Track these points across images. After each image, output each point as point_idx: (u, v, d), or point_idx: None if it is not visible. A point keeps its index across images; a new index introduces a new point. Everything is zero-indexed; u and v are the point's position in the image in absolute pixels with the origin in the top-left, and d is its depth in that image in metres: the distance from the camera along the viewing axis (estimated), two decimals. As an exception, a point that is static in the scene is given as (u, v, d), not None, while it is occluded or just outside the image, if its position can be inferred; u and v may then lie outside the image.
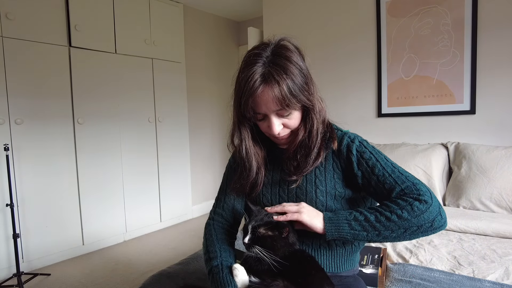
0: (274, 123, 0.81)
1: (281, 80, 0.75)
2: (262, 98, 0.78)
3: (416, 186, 0.77)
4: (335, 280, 0.85)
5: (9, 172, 2.10)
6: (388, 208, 0.75)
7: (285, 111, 0.79)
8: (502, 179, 1.73)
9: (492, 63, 2.04)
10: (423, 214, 0.72)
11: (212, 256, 0.86)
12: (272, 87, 0.76)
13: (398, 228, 0.73)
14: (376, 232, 0.74)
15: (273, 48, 0.80)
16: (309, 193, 0.85)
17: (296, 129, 0.85)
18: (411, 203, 0.73)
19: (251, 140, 0.90)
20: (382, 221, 0.74)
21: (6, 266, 2.27)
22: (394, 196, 0.77)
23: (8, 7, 2.21)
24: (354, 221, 0.75)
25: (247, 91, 0.78)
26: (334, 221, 0.76)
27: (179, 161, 3.44)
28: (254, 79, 0.77)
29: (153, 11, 3.12)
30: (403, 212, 0.73)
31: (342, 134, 0.88)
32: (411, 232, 0.73)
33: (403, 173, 0.80)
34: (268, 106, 0.78)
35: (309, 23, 2.76)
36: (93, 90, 2.68)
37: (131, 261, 2.54)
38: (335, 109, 2.56)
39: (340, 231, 0.76)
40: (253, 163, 0.90)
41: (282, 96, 0.76)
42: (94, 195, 2.72)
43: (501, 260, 1.22)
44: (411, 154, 2.08)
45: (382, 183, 0.79)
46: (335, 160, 0.86)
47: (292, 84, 0.76)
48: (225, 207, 0.98)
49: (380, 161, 0.81)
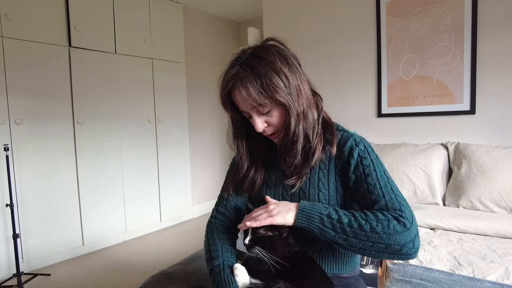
0: (256, 121, 0.83)
1: (248, 80, 0.77)
2: (236, 98, 0.81)
3: (402, 207, 0.74)
4: (335, 281, 0.85)
5: (9, 172, 2.10)
6: (365, 216, 0.73)
7: (261, 109, 0.81)
8: (502, 179, 1.73)
9: (492, 63, 2.04)
10: (396, 234, 0.70)
11: (213, 256, 0.86)
12: (240, 87, 0.79)
13: (367, 239, 0.71)
14: (344, 236, 0.72)
15: (253, 49, 0.82)
16: (311, 196, 0.85)
17: (279, 127, 0.85)
18: (389, 219, 0.71)
19: (243, 137, 0.92)
20: (354, 226, 0.72)
21: (6, 266, 2.27)
22: (376, 208, 0.76)
23: (8, 7, 2.21)
24: (327, 217, 0.74)
25: (221, 91, 0.83)
26: (307, 211, 0.76)
27: (179, 161, 3.44)
28: (227, 80, 0.81)
29: (153, 11, 3.12)
30: (377, 225, 0.71)
31: (348, 136, 0.87)
32: (377, 248, 0.71)
33: (395, 191, 0.78)
34: (243, 105, 0.81)
35: (309, 23, 2.76)
36: (93, 90, 2.68)
37: (131, 261, 2.54)
38: (335, 109, 2.56)
39: (310, 222, 0.75)
40: (244, 159, 0.92)
41: (249, 95, 0.78)
42: (94, 195, 2.72)
43: (501, 260, 1.22)
44: (411, 154, 2.08)
45: (370, 193, 0.78)
46: (336, 162, 0.86)
47: (261, 83, 0.77)
48: (228, 206, 0.97)
49: (377, 171, 0.80)
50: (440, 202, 1.93)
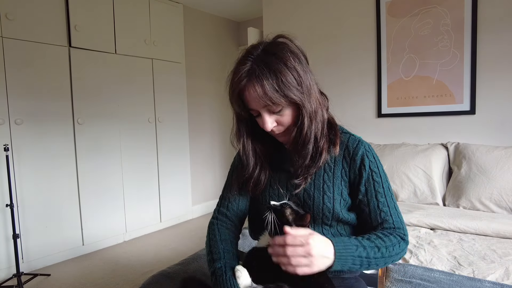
0: (266, 120, 0.81)
1: (264, 78, 0.75)
2: (248, 95, 0.78)
3: (403, 225, 0.83)
4: (336, 282, 0.85)
5: (9, 173, 2.10)
6: (384, 243, 0.78)
7: (274, 107, 0.78)
8: (502, 179, 1.73)
9: (492, 63, 2.04)
10: (402, 252, 0.81)
11: (215, 258, 0.85)
12: (255, 84, 0.76)
13: (384, 262, 0.78)
14: (367, 266, 0.76)
15: (265, 46, 0.80)
16: (316, 199, 0.85)
17: (289, 127, 0.84)
18: (399, 241, 0.80)
19: (249, 135, 0.89)
20: (377, 257, 0.76)
21: (6, 266, 2.27)
22: (386, 227, 0.82)
23: (8, 7, 2.21)
24: (358, 257, 0.74)
25: (234, 88, 0.79)
26: (343, 257, 0.72)
27: (179, 161, 3.44)
28: (240, 77, 0.78)
29: (153, 11, 3.12)
30: (393, 249, 0.78)
31: (356, 141, 0.87)
32: (384, 264, 0.79)
33: (397, 209, 0.85)
34: (255, 102, 0.78)
35: (309, 23, 2.76)
36: (93, 90, 2.68)
37: (131, 261, 2.54)
38: (335, 109, 2.55)
39: (343, 266, 0.73)
40: (250, 158, 0.90)
41: (265, 93, 0.75)
42: (94, 195, 2.72)
43: (501, 260, 1.22)
44: (411, 154, 2.08)
45: (380, 210, 0.83)
46: (345, 167, 0.86)
47: (277, 81, 0.75)
48: (230, 206, 0.97)
49: (384, 188, 0.84)
50: (440, 202, 1.93)
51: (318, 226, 0.88)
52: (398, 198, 2.02)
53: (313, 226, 0.88)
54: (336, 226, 0.88)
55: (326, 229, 0.88)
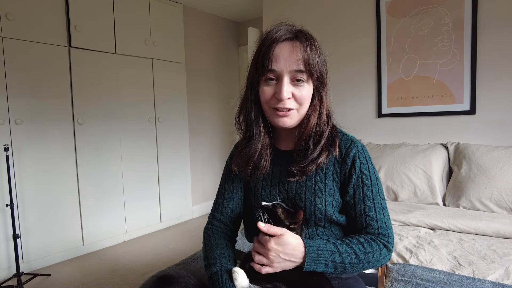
0: (285, 85, 0.78)
1: (303, 42, 0.79)
2: (284, 51, 0.79)
3: (389, 232, 0.82)
4: (335, 282, 0.85)
5: (9, 173, 2.10)
6: (363, 249, 0.78)
7: (299, 74, 0.79)
8: (502, 179, 1.73)
9: (492, 63, 2.04)
10: (383, 259, 0.80)
11: (211, 263, 0.85)
12: (296, 44, 0.79)
13: (362, 268, 0.78)
14: (343, 271, 0.77)
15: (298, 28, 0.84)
16: (307, 201, 0.85)
17: (299, 109, 0.82)
18: (381, 249, 0.79)
19: (258, 106, 0.86)
20: (354, 263, 0.77)
21: (6, 266, 2.27)
22: (370, 232, 0.81)
23: (8, 7, 2.21)
24: (331, 262, 0.76)
25: (271, 39, 0.79)
26: (314, 261, 0.75)
27: (179, 161, 3.44)
28: (280, 32, 0.79)
29: (153, 11, 3.12)
30: (373, 256, 0.78)
31: (349, 141, 0.86)
32: (361, 269, 0.80)
33: (385, 215, 0.83)
34: (287, 62, 0.78)
35: (309, 23, 2.76)
36: (93, 90, 2.68)
37: (131, 261, 2.54)
38: (335, 109, 2.55)
39: (314, 268, 0.76)
40: (256, 131, 0.87)
41: (304, 54, 0.78)
42: (94, 195, 2.72)
43: (501, 260, 1.22)
44: (411, 154, 2.08)
45: (366, 214, 0.82)
46: (336, 168, 0.85)
47: (312, 52, 0.79)
48: (224, 211, 0.96)
49: (374, 192, 0.83)
50: (440, 202, 1.93)
51: (312, 227, 0.87)
52: (398, 198, 2.02)
53: (307, 227, 0.87)
54: (330, 227, 0.87)
55: (320, 230, 0.87)
